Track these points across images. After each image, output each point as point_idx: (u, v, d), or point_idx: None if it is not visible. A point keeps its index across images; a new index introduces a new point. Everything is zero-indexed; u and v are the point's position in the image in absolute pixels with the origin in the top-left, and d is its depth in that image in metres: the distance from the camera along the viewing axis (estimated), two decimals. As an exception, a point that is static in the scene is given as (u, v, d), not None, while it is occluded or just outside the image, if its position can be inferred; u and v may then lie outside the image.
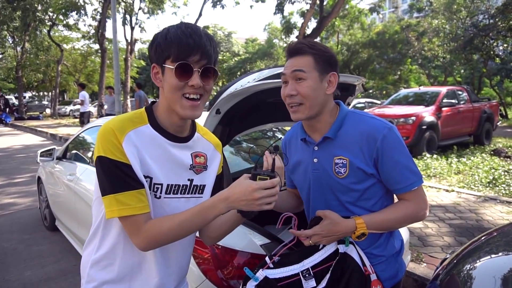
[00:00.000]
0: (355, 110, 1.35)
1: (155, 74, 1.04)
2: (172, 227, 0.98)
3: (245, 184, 0.95)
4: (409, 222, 1.29)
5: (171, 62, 0.98)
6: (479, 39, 15.24)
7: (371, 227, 1.22)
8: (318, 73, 1.23)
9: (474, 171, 6.23)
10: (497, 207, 4.44)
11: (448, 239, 3.51)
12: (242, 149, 2.91)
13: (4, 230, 4.39)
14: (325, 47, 1.27)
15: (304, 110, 1.24)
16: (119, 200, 0.96)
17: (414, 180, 1.23)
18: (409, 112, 8.03)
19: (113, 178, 0.97)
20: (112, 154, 0.97)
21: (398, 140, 1.23)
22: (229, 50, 34.26)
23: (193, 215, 0.99)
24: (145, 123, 1.05)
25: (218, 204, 0.97)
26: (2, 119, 21.08)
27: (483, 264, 1.29)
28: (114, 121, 1.02)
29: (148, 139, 1.04)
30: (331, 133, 1.27)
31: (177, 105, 1.01)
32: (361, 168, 1.23)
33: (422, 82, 25.86)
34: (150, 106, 1.10)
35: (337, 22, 18.02)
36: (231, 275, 1.60)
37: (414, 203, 1.24)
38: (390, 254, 1.32)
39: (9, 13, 20.38)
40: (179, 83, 0.98)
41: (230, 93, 1.70)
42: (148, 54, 1.06)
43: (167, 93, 1.02)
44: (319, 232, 1.21)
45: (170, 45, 0.98)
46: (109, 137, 0.98)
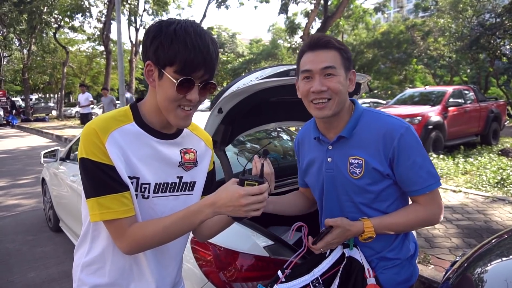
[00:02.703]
0: (370, 108, 1.31)
1: (148, 71, 0.97)
2: (157, 232, 0.96)
3: (232, 190, 0.92)
4: (421, 226, 1.26)
5: (174, 72, 0.92)
6: (486, 38, 15.08)
7: (379, 230, 1.19)
8: (344, 70, 1.20)
9: (482, 172, 6.14)
10: (506, 207, 4.36)
11: (456, 241, 3.45)
12: (245, 149, 2.87)
13: (8, 231, 4.40)
14: (344, 44, 1.25)
15: (332, 105, 1.19)
16: (101, 204, 0.93)
17: (431, 182, 1.19)
18: (415, 112, 7.96)
19: (95, 181, 0.94)
20: (94, 156, 0.93)
21: (416, 140, 1.20)
22: (234, 51, 34.30)
23: (179, 220, 0.96)
24: (130, 121, 1.01)
25: (204, 209, 0.94)
26: (9, 121, 21.27)
27: (495, 267, 1.24)
28: (97, 121, 0.98)
29: (133, 138, 1.00)
30: (346, 132, 1.23)
31: (171, 115, 0.98)
32: (376, 169, 1.19)
33: (427, 82, 25.67)
34: (135, 104, 1.05)
35: (341, 22, 17.93)
36: (234, 277, 1.56)
37: (428, 207, 1.20)
38: (405, 257, 1.28)
39: (16, 16, 20.60)
40: (178, 96, 0.94)
41: (233, 91, 1.67)
42: (142, 45, 0.99)
43: (162, 101, 0.97)
44: (331, 241, 1.19)
45: (177, 54, 0.91)
46: (91, 138, 0.94)
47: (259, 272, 1.60)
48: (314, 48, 1.20)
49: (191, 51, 0.90)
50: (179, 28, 0.92)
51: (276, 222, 2.43)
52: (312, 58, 1.19)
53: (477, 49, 15.90)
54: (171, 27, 0.92)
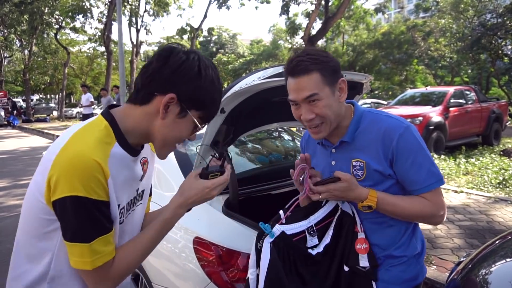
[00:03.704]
0: (371, 109, 1.31)
1: (168, 103, 0.90)
2: (140, 254, 0.95)
3: (200, 186, 0.97)
4: (421, 220, 1.24)
5: (199, 117, 0.94)
6: (487, 38, 15.06)
7: (381, 204, 1.18)
8: (328, 87, 1.17)
9: (483, 172, 6.12)
10: (508, 208, 4.35)
11: (458, 241, 3.44)
12: (247, 149, 2.87)
13: (9, 231, 4.40)
14: (326, 55, 1.20)
15: (326, 127, 1.20)
16: (93, 250, 0.84)
17: (432, 181, 1.18)
18: (416, 112, 7.94)
19: (91, 224, 0.83)
20: (95, 194, 0.82)
21: (415, 139, 1.19)
22: (234, 52, 34.35)
23: (157, 232, 0.97)
24: (114, 141, 0.91)
25: (178, 211, 0.98)
26: (10, 122, 21.29)
27: (499, 268, 1.24)
28: (90, 148, 0.83)
29: (118, 162, 0.90)
30: (348, 137, 1.25)
31: (166, 149, 0.99)
32: (377, 170, 1.20)
33: (428, 82, 25.64)
34: (113, 119, 0.93)
35: (342, 23, 17.95)
36: (236, 277, 1.56)
37: (432, 204, 1.19)
38: (411, 254, 1.27)
39: (17, 17, 20.65)
40: (187, 136, 0.97)
41: (235, 91, 1.66)
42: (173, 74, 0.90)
43: (168, 136, 0.94)
44: (332, 190, 1.17)
45: (213, 103, 0.95)
46: (93, 173, 0.81)
47: (262, 273, 1.59)
48: (293, 75, 1.18)
49: (218, 103, 0.97)
50: (214, 75, 0.94)
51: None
52: (294, 86, 1.18)
53: (478, 50, 15.88)
54: (209, 72, 0.93)
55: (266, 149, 2.96)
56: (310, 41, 12.42)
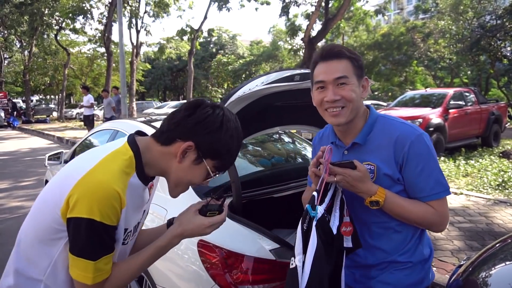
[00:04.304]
0: (386, 114, 1.33)
1: (186, 150, 0.98)
2: (132, 274, 1.01)
3: (198, 222, 1.02)
4: (421, 225, 1.25)
5: (214, 166, 1.01)
6: (486, 40, 15.11)
7: (388, 203, 1.19)
8: (356, 78, 1.23)
9: (483, 174, 6.15)
10: (508, 210, 4.38)
11: (458, 243, 3.46)
12: (250, 152, 2.89)
13: (11, 233, 4.42)
14: (356, 52, 1.27)
15: (346, 113, 1.22)
16: (97, 268, 0.92)
17: (439, 190, 1.20)
18: (416, 114, 7.97)
19: (99, 245, 0.92)
20: (109, 220, 0.90)
21: (427, 148, 1.21)
22: (234, 53, 34.37)
23: (150, 256, 1.02)
24: (133, 172, 0.98)
25: (173, 240, 1.03)
26: (10, 123, 21.29)
27: (499, 271, 1.26)
28: (114, 178, 0.92)
29: (133, 191, 0.99)
30: (360, 139, 1.27)
31: (179, 189, 1.05)
32: (387, 174, 1.22)
33: (428, 83, 25.67)
34: (138, 150, 1.00)
35: (342, 24, 17.97)
36: (241, 280, 1.58)
37: (437, 212, 1.20)
38: (417, 260, 1.28)
39: (17, 18, 20.68)
40: (200, 182, 1.03)
41: (239, 96, 1.69)
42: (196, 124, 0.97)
43: (182, 179, 1.02)
44: (346, 176, 1.18)
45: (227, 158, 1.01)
46: (113, 202, 0.90)
47: (266, 275, 1.62)
48: (326, 59, 1.23)
49: (235, 156, 1.04)
50: (234, 130, 1.01)
51: (280, 224, 2.45)
52: (325, 69, 1.22)
53: (477, 51, 15.92)
54: (230, 125, 1.00)
55: (267, 152, 2.99)
56: (310, 42, 12.45)
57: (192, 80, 17.47)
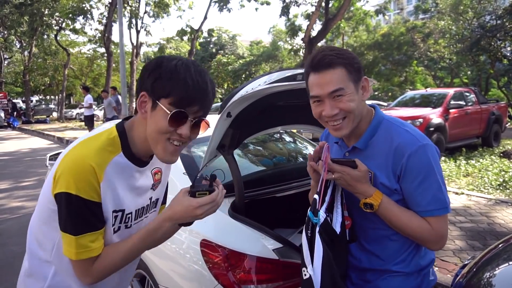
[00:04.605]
0: (392, 118, 1.25)
1: (142, 102, 0.97)
2: (122, 257, 0.98)
3: (186, 203, 0.94)
4: (415, 239, 1.18)
5: (169, 104, 0.93)
6: (486, 40, 15.11)
7: (382, 208, 1.14)
8: (353, 84, 1.14)
9: (484, 174, 6.15)
10: (509, 210, 4.37)
11: (459, 243, 3.46)
12: (252, 152, 2.89)
13: (12, 233, 4.41)
14: (350, 53, 1.17)
15: (348, 123, 1.16)
16: (79, 243, 0.93)
17: (434, 207, 1.13)
18: (416, 114, 7.98)
19: (79, 219, 0.93)
20: (86, 194, 0.91)
21: (427, 160, 1.12)
22: (234, 53, 34.38)
23: (140, 240, 0.98)
24: (118, 151, 0.99)
25: (164, 224, 0.97)
26: (10, 123, 21.29)
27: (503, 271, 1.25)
28: (91, 153, 0.93)
29: (121, 171, 0.99)
30: (361, 144, 1.22)
31: (159, 147, 0.97)
32: (384, 184, 1.17)
33: (428, 83, 25.68)
34: (124, 130, 1.01)
35: (342, 24, 17.98)
36: (244, 279, 1.58)
37: (433, 230, 1.13)
38: (412, 271, 1.23)
39: (17, 18, 20.67)
40: (169, 128, 0.94)
41: (241, 96, 1.68)
42: (141, 77, 0.98)
43: (151, 132, 0.96)
44: (345, 174, 1.13)
45: (174, 86, 0.92)
46: (87, 176, 0.91)
47: (269, 275, 1.62)
48: (318, 69, 1.13)
49: (189, 86, 0.92)
50: (180, 64, 0.94)
51: (282, 224, 2.45)
52: (318, 80, 1.14)
53: (477, 51, 15.92)
54: (172, 62, 0.94)
55: (269, 151, 2.99)
56: (311, 42, 12.45)
57: (192, 80, 17.43)
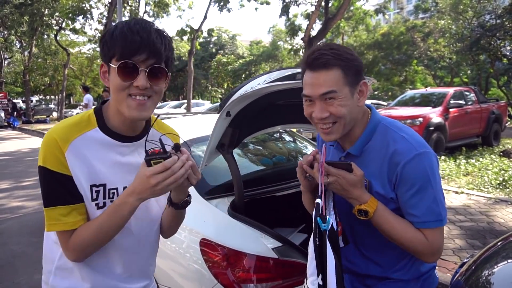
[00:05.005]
0: (389, 121, 1.19)
1: (103, 73, 1.00)
2: (92, 233, 0.96)
3: (141, 173, 0.90)
4: (408, 250, 1.13)
5: (116, 61, 0.94)
6: (486, 39, 15.09)
7: (377, 217, 1.09)
8: (349, 88, 1.08)
9: (483, 173, 6.16)
10: (509, 209, 4.38)
11: (459, 242, 3.47)
12: (251, 151, 2.89)
13: (13, 233, 4.42)
14: (351, 53, 1.10)
15: (338, 128, 1.10)
16: (49, 215, 0.96)
17: (430, 219, 1.08)
18: (416, 113, 7.99)
19: (48, 191, 0.96)
20: (52, 165, 0.94)
21: (423, 170, 1.07)
22: (234, 53, 34.34)
23: (108, 216, 0.96)
24: (93, 126, 1.00)
25: (127, 199, 0.93)
26: (10, 123, 21.29)
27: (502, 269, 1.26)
28: (58, 129, 0.98)
29: (97, 144, 1.00)
30: (355, 150, 1.17)
31: (123, 106, 0.96)
32: (379, 193, 1.13)
33: (428, 83, 25.67)
34: (100, 107, 1.05)
35: (342, 24, 17.98)
36: (243, 278, 1.58)
37: (427, 242, 1.09)
38: (412, 278, 1.21)
39: (17, 18, 20.66)
40: (123, 83, 0.94)
41: (241, 95, 1.69)
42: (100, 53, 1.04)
43: (113, 93, 0.98)
44: (341, 177, 1.07)
45: (115, 42, 0.93)
46: (51, 148, 0.95)
47: (268, 273, 1.62)
48: (314, 68, 1.09)
49: (127, 35, 0.92)
50: (121, 23, 0.96)
51: (282, 223, 2.46)
52: (312, 80, 1.09)
53: (477, 50, 15.91)
54: (115, 25, 0.97)
55: (269, 151, 2.99)
56: (310, 42, 12.44)
57: (192, 80, 17.44)
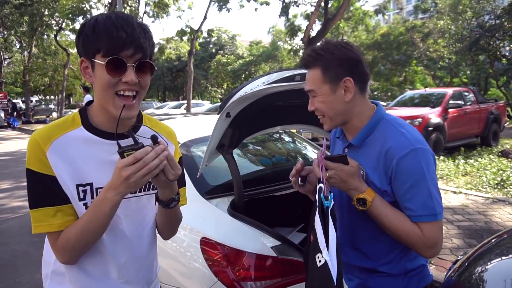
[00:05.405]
0: (392, 117, 1.25)
1: (84, 68, 0.97)
2: (77, 233, 0.95)
3: (115, 167, 0.88)
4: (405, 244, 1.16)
5: (102, 56, 0.91)
6: (485, 39, 15.12)
7: (374, 207, 1.14)
8: (328, 85, 1.18)
9: (482, 173, 6.19)
10: (506, 208, 4.41)
11: (457, 241, 3.50)
12: (251, 152, 2.92)
13: (14, 233, 4.44)
14: (335, 49, 1.17)
15: (327, 121, 1.24)
16: (35, 217, 0.95)
17: (423, 213, 1.11)
18: (415, 113, 8.01)
19: (33, 192, 0.95)
20: (35, 166, 0.94)
21: (418, 165, 1.11)
22: (234, 53, 34.35)
23: (90, 214, 0.94)
24: (77, 126, 1.00)
25: (106, 194, 0.90)
26: (10, 123, 21.31)
27: (494, 266, 1.29)
28: (41, 130, 0.98)
29: (82, 144, 0.98)
30: (356, 141, 1.24)
31: (110, 105, 0.94)
32: (374, 184, 1.18)
33: (427, 83, 25.69)
34: (85, 107, 1.04)
35: (341, 24, 18.00)
36: (243, 276, 1.61)
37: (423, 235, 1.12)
38: (398, 273, 1.24)
39: (17, 18, 20.68)
40: (112, 80, 0.91)
41: (240, 96, 1.72)
42: (76, 46, 0.99)
43: (99, 91, 0.95)
44: (339, 170, 1.14)
45: (100, 37, 0.90)
46: (33, 148, 0.95)
47: (267, 272, 1.65)
48: (304, 68, 1.26)
49: (112, 30, 0.90)
50: (101, 17, 0.93)
51: (281, 223, 2.49)
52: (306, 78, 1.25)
53: (476, 51, 15.93)
54: (93, 19, 0.94)
55: (268, 151, 3.02)
56: (310, 42, 12.46)
57: (192, 80, 17.46)
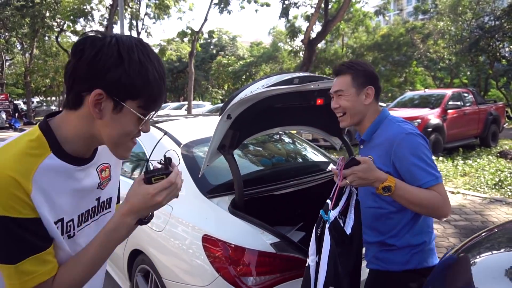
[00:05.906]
0: (394, 117, 1.53)
1: (96, 100, 0.80)
2: (85, 269, 0.86)
3: (143, 192, 0.85)
4: (430, 210, 1.36)
5: (138, 107, 0.83)
6: (485, 40, 15.18)
7: (398, 189, 1.32)
8: (355, 89, 1.50)
9: (480, 173, 6.24)
10: (503, 208, 4.47)
11: (453, 240, 3.55)
12: (251, 152, 2.99)
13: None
14: (363, 65, 1.53)
15: (347, 118, 1.52)
16: (22, 271, 0.78)
17: (429, 179, 1.36)
18: (415, 114, 8.06)
19: (15, 244, 0.77)
20: (15, 212, 0.75)
21: (413, 144, 1.39)
22: (234, 54, 34.43)
23: (102, 245, 0.87)
24: (47, 153, 0.82)
25: (124, 220, 0.86)
26: (12, 124, 21.38)
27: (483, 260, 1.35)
28: (9, 162, 0.76)
29: (54, 174, 0.83)
30: (366, 136, 1.54)
31: (121, 148, 0.88)
32: (381, 168, 1.39)
33: (427, 84, 25.75)
34: (49, 128, 0.85)
35: (342, 26, 18.09)
36: (244, 272, 1.68)
37: (439, 194, 1.35)
38: (402, 245, 1.47)
39: (18, 20, 20.77)
40: (135, 130, 0.86)
41: (241, 99, 1.78)
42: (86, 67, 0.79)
43: (115, 135, 0.85)
44: (356, 172, 1.30)
45: (145, 86, 0.81)
46: (11, 189, 0.74)
47: (267, 268, 1.71)
48: (336, 74, 1.57)
49: (158, 84, 0.83)
50: (142, 55, 0.81)
51: (281, 222, 2.55)
52: (333, 83, 1.56)
53: (476, 52, 15.98)
54: (134, 54, 0.80)
55: (268, 152, 3.08)
56: (310, 44, 12.55)
57: (192, 81, 17.53)
